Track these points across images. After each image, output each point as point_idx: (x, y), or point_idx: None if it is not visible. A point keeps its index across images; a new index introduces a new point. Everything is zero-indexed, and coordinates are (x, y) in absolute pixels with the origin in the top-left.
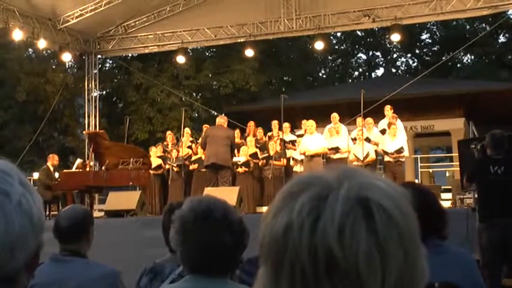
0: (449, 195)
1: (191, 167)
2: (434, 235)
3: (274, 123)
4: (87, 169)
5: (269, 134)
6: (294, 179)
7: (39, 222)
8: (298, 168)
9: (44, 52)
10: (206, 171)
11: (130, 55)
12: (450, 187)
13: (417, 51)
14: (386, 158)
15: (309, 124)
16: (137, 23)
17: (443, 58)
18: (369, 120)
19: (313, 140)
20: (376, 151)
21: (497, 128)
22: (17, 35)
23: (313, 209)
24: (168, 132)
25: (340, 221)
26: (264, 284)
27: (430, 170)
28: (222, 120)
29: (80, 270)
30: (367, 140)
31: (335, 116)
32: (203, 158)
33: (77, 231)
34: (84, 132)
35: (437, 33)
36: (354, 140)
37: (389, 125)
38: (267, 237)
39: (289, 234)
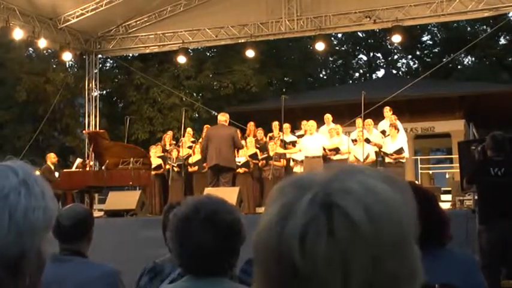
0: (449, 197)
1: (190, 170)
2: (433, 240)
3: (275, 124)
4: (87, 169)
5: (270, 134)
6: (281, 182)
7: (25, 222)
8: (298, 169)
9: (44, 51)
10: (207, 171)
11: (131, 55)
12: (450, 189)
13: (418, 53)
14: (387, 160)
15: (309, 124)
16: (138, 22)
17: (444, 60)
18: (369, 121)
19: (313, 140)
20: (376, 152)
21: (498, 130)
22: (18, 34)
23: (282, 217)
24: (168, 133)
25: (302, 230)
26: (256, 285)
27: (430, 172)
28: (223, 118)
29: (80, 269)
30: (367, 141)
31: (328, 117)
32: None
33: (78, 231)
34: (84, 131)
35: (438, 34)
36: (354, 141)
37: (391, 126)
38: (253, 241)
39: (262, 241)
